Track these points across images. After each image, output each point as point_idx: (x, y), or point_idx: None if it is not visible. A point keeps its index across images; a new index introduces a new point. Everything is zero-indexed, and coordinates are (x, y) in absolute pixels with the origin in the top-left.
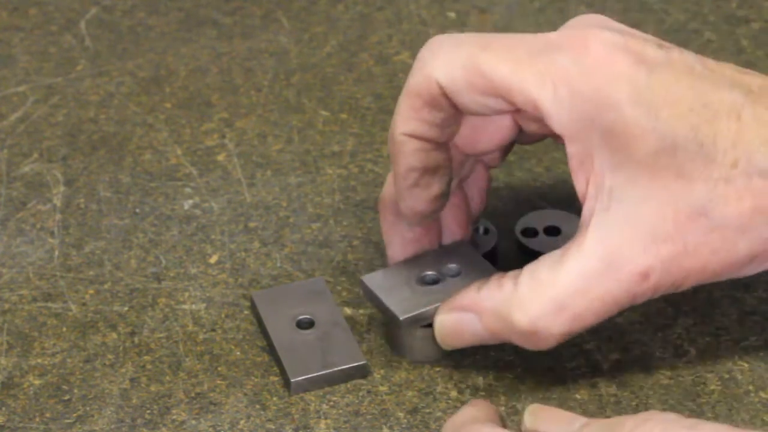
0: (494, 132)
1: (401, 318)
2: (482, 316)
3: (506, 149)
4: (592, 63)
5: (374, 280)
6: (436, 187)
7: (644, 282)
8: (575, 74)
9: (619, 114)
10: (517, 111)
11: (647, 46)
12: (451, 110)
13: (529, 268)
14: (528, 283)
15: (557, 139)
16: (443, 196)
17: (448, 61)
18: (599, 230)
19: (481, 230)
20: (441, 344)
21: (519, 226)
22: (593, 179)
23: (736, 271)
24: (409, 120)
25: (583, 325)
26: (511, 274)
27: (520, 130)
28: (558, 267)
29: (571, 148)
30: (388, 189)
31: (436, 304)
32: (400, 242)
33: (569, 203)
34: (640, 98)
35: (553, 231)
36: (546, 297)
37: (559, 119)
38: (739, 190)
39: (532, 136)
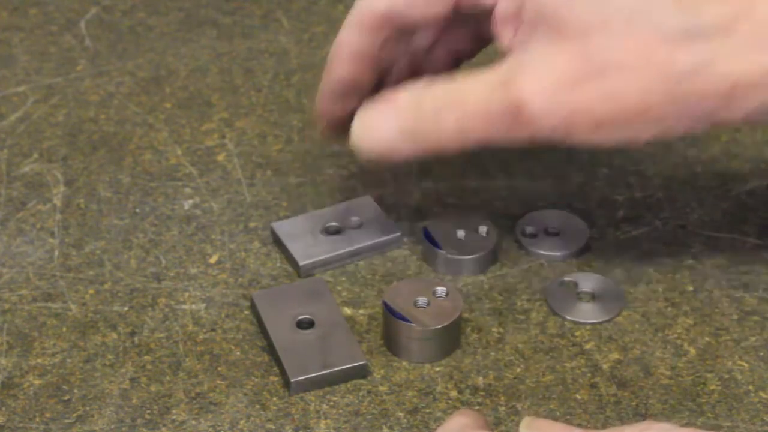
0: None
1: (301, 264)
2: (397, 108)
3: (464, 39)
4: None
5: (282, 228)
6: (354, 103)
7: (522, 108)
8: None
9: None
10: None
11: None
12: (391, 34)
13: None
14: (443, 80)
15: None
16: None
17: None
18: (510, 61)
19: (483, 231)
20: (358, 144)
21: (519, 227)
22: (512, 40)
23: (629, 124)
24: (351, 43)
25: (474, 127)
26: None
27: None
28: (471, 75)
29: (498, 16)
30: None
31: (336, 252)
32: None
33: (569, 203)
34: None
35: (553, 231)
36: (452, 87)
37: None
38: (634, 42)
39: (468, 15)
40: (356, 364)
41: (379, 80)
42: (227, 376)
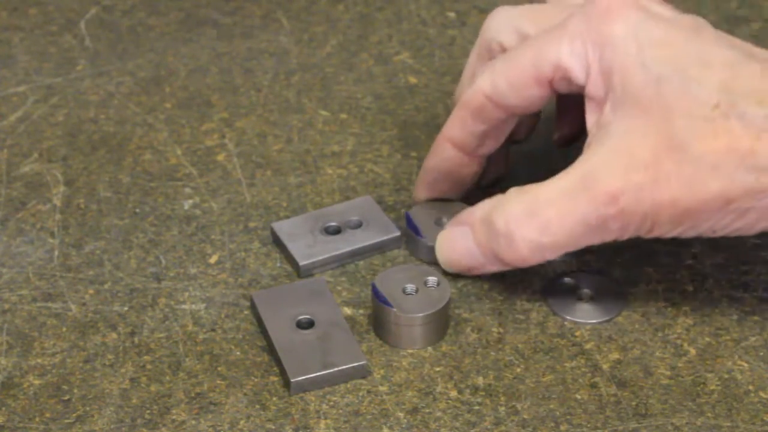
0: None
1: (301, 264)
2: (473, 226)
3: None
4: (598, 12)
5: (282, 228)
6: (447, 193)
7: (612, 204)
8: (584, 27)
9: (614, 49)
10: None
11: (660, 4)
12: (492, 122)
13: (521, 186)
14: (513, 193)
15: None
16: (450, 198)
17: (492, 72)
18: (586, 157)
19: None
20: (441, 262)
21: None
22: (599, 120)
23: (711, 214)
24: (454, 127)
25: (554, 238)
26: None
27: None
28: (543, 183)
29: (588, 96)
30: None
31: (336, 252)
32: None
33: None
34: (634, 35)
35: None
36: (523, 202)
37: (576, 70)
38: (716, 129)
39: (565, 94)
40: (356, 364)
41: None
42: (227, 376)
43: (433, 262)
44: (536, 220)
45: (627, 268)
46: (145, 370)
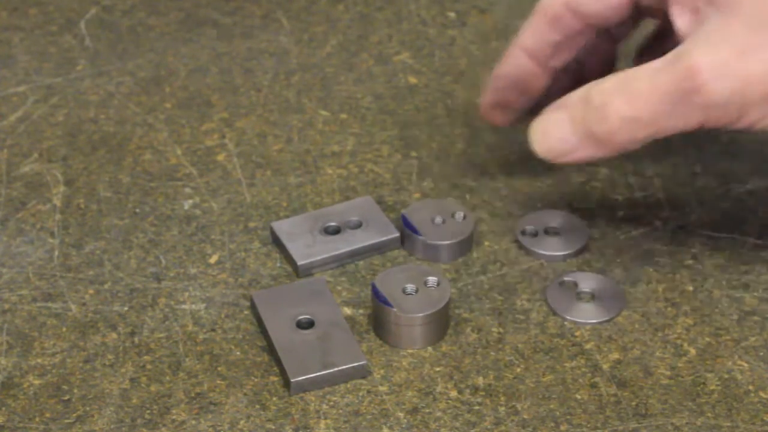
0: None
1: (299, 263)
2: (569, 106)
3: (626, 23)
4: None
5: (282, 228)
6: (515, 103)
7: (694, 77)
8: None
9: None
10: None
11: None
12: (568, 31)
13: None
14: (610, 75)
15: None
16: (515, 113)
17: None
18: (681, 45)
19: (459, 217)
20: (538, 151)
21: (519, 227)
22: (692, 17)
23: None
24: (528, 36)
25: (641, 112)
26: None
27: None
28: (638, 66)
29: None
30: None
31: (335, 252)
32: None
33: (569, 203)
34: None
35: (553, 231)
36: (618, 78)
37: None
38: None
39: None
40: (356, 364)
41: (549, 85)
42: (227, 376)
43: (432, 261)
44: (626, 92)
45: (627, 268)
46: (145, 370)
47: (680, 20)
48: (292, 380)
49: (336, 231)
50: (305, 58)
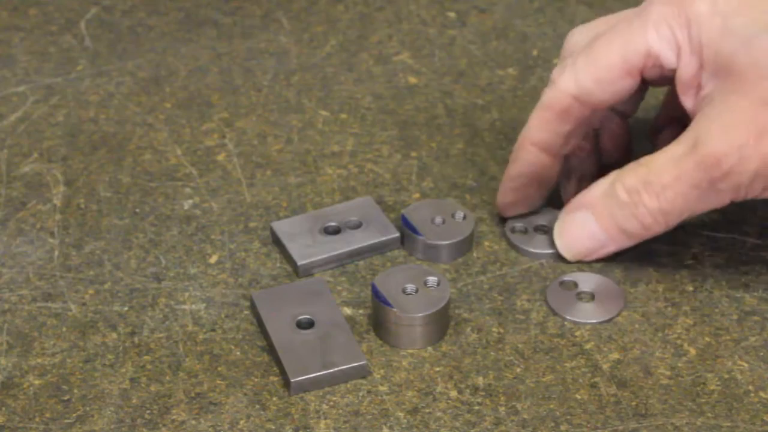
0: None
1: (299, 263)
2: (594, 205)
3: (635, 99)
4: None
5: (282, 228)
6: (533, 196)
7: (718, 166)
8: (668, 11)
9: (699, 26)
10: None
11: None
12: (578, 121)
13: (637, 159)
14: (630, 166)
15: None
16: (535, 203)
17: (575, 71)
18: (691, 127)
19: (460, 217)
20: (566, 254)
21: (509, 224)
22: (697, 96)
23: None
24: (538, 131)
25: (671, 204)
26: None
27: (642, 81)
28: (656, 154)
29: (680, 80)
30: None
31: (335, 252)
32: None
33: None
34: (715, 9)
35: (541, 229)
36: (640, 173)
37: (667, 54)
38: None
39: (654, 81)
40: (356, 364)
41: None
42: (227, 376)
43: (432, 261)
44: (653, 187)
45: (627, 268)
46: (145, 370)
47: (686, 98)
48: (292, 380)
49: (336, 231)
50: (305, 58)
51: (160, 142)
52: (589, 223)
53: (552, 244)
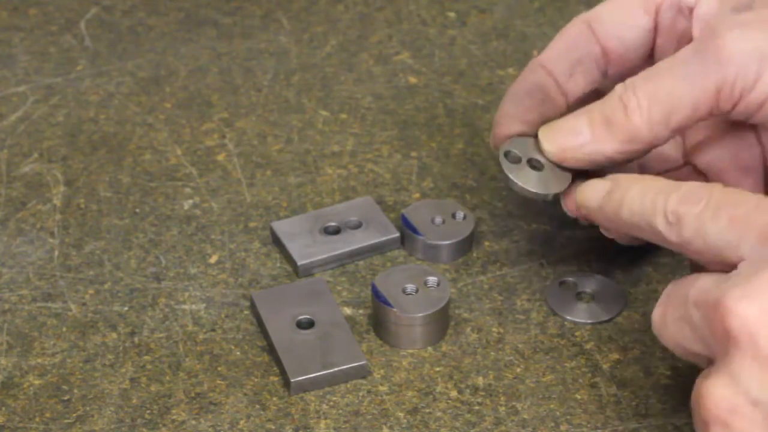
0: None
1: (299, 263)
2: (589, 115)
3: (644, 52)
4: None
5: (282, 228)
6: (531, 115)
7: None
8: None
9: None
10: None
11: None
12: (587, 51)
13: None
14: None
15: None
16: (532, 123)
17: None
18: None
19: (460, 217)
20: (546, 147)
21: (505, 147)
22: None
23: None
24: (548, 52)
25: (673, 107)
26: None
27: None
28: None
29: (697, 17)
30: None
31: (334, 252)
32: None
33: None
34: None
35: (536, 164)
36: (641, 75)
37: None
38: None
39: (667, 30)
40: (356, 364)
41: None
42: (227, 376)
43: (432, 261)
44: (651, 80)
45: (627, 268)
46: (145, 370)
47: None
48: (292, 380)
49: (336, 231)
50: (305, 58)
51: (160, 142)
52: (576, 118)
53: (539, 187)
